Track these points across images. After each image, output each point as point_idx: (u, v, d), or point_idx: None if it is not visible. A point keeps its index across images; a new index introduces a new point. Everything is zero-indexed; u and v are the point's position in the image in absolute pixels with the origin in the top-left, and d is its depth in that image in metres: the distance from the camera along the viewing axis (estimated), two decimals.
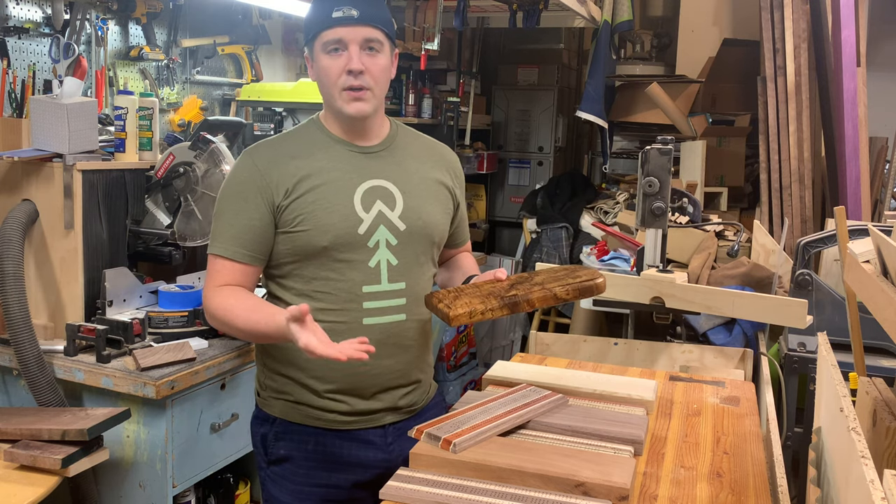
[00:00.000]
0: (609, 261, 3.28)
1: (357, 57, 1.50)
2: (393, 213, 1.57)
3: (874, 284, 1.25)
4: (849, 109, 3.29)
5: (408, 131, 1.71)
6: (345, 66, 1.50)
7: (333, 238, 1.52)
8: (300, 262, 1.55)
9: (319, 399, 1.59)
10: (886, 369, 2.31)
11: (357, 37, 1.50)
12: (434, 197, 1.65)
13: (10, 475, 1.73)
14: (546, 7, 3.37)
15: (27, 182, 2.15)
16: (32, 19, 2.52)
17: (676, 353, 2.41)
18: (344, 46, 1.51)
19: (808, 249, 2.62)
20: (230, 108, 3.42)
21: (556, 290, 1.49)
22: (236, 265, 1.54)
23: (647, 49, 4.95)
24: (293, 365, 1.60)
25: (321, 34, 1.52)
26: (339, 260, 1.54)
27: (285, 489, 1.62)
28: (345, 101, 1.53)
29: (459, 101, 4.51)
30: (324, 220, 1.52)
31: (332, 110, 1.59)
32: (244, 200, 1.53)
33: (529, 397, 1.62)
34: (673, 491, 1.34)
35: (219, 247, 1.55)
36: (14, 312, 1.96)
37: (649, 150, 2.41)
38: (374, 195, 1.56)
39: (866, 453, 0.90)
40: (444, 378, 3.98)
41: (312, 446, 1.60)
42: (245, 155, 1.59)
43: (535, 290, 1.48)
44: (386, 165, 1.60)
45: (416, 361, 1.66)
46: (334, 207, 1.53)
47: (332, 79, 1.52)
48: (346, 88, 1.52)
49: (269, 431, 1.63)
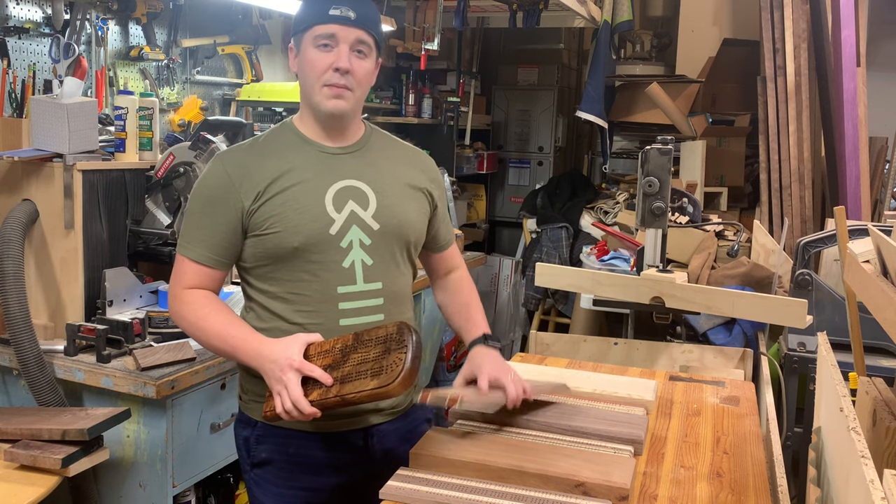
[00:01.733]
0: (609, 261, 3.28)
1: (346, 56, 1.51)
2: (366, 213, 1.56)
3: (874, 284, 1.26)
4: (849, 109, 3.29)
5: (383, 135, 1.71)
6: (332, 62, 1.51)
7: (305, 239, 1.51)
8: (273, 264, 1.55)
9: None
10: (886, 369, 2.31)
11: (349, 37, 1.51)
12: (409, 197, 1.64)
13: (10, 475, 1.73)
14: (546, 7, 3.37)
15: (27, 182, 2.15)
16: (32, 19, 2.52)
17: (676, 353, 2.41)
18: (335, 43, 1.51)
19: (808, 249, 2.62)
20: (230, 108, 3.42)
21: (348, 397, 1.38)
22: (203, 268, 1.54)
23: (647, 49, 4.95)
24: None
25: (314, 27, 1.52)
26: (311, 261, 1.53)
27: (268, 492, 1.61)
28: (325, 97, 1.53)
29: (459, 101, 4.51)
30: (294, 220, 1.51)
31: (310, 106, 1.58)
32: (213, 206, 1.53)
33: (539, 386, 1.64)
34: (673, 491, 1.34)
35: (187, 248, 1.55)
36: (14, 312, 1.96)
37: (649, 150, 2.41)
38: (347, 195, 1.56)
39: (866, 453, 0.90)
40: (444, 378, 3.97)
41: (294, 449, 1.59)
42: (216, 160, 1.58)
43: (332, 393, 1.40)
44: (359, 166, 1.60)
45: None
46: (305, 208, 1.52)
47: (316, 72, 1.52)
48: (328, 84, 1.52)
49: (251, 434, 1.62)
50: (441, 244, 1.78)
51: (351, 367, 1.39)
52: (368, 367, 1.37)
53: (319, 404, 1.36)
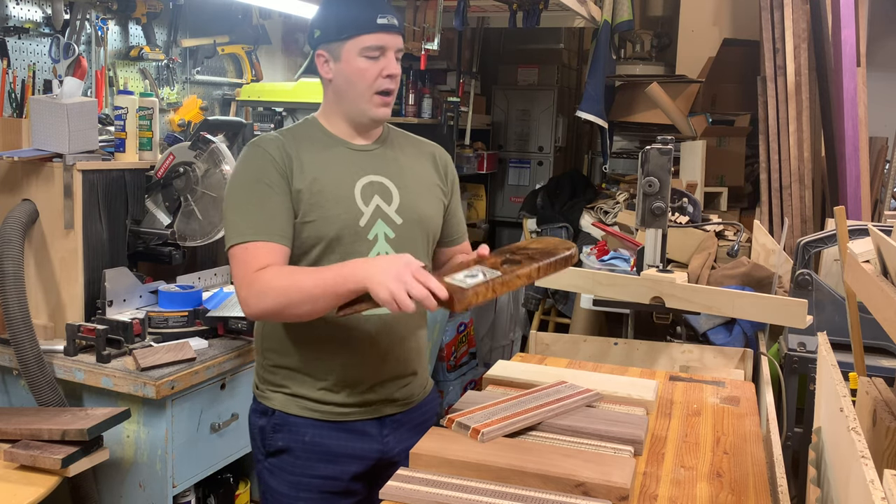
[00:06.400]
0: (609, 261, 3.28)
1: (395, 63, 1.59)
2: (390, 208, 1.61)
3: (874, 284, 1.26)
4: (849, 109, 3.29)
5: (398, 132, 1.76)
6: (382, 70, 1.57)
7: (338, 229, 1.55)
8: (305, 254, 1.57)
9: (317, 391, 1.62)
10: (886, 369, 2.31)
11: (395, 45, 1.59)
12: (428, 192, 1.69)
13: (10, 475, 1.73)
14: (546, 7, 3.37)
15: (27, 182, 2.15)
16: (32, 19, 2.52)
17: (676, 353, 2.41)
18: (383, 52, 1.58)
19: (808, 249, 2.62)
20: (230, 108, 3.42)
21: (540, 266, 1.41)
22: (276, 247, 1.51)
23: (647, 49, 4.95)
24: (293, 357, 1.62)
25: (362, 37, 1.56)
26: (339, 252, 1.56)
27: (283, 481, 1.64)
28: (375, 105, 1.59)
29: (459, 101, 4.51)
30: (329, 210, 1.55)
31: (349, 111, 1.62)
32: (268, 185, 1.53)
33: (563, 393, 1.64)
34: (673, 491, 1.34)
35: (250, 234, 1.50)
36: (14, 312, 1.96)
37: (649, 150, 2.41)
38: (373, 190, 1.61)
39: (866, 453, 0.90)
40: (444, 378, 3.97)
41: (310, 438, 1.62)
42: (254, 147, 1.59)
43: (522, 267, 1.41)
44: (382, 162, 1.65)
45: (413, 354, 1.70)
46: (338, 200, 1.56)
47: (367, 81, 1.57)
48: (379, 92, 1.58)
49: (267, 423, 1.65)
50: (454, 237, 1.79)
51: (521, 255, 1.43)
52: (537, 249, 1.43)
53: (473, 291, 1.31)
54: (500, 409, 1.54)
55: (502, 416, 1.50)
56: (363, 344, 1.61)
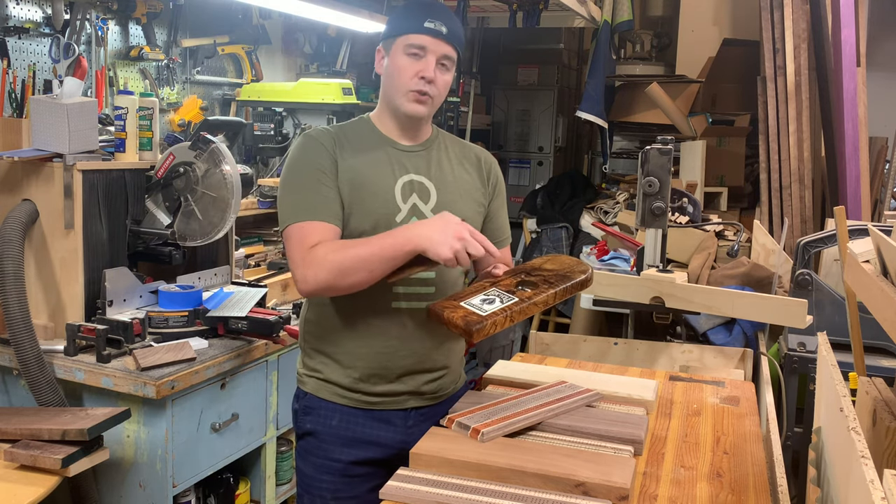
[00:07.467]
0: (609, 261, 3.28)
1: (432, 67, 1.62)
2: (426, 207, 1.66)
3: (874, 284, 1.26)
4: (849, 109, 3.29)
5: (447, 136, 1.81)
6: (419, 70, 1.62)
7: (374, 223, 1.60)
8: None
9: (346, 378, 1.67)
10: (886, 369, 2.31)
11: (438, 50, 1.63)
12: (467, 195, 1.73)
13: (10, 475, 1.73)
14: (546, 7, 3.38)
15: (27, 182, 2.15)
16: (32, 19, 2.52)
17: (676, 353, 2.41)
18: (424, 54, 1.62)
19: (808, 249, 2.62)
20: (230, 108, 3.42)
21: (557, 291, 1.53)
22: (328, 226, 1.58)
23: (647, 49, 4.96)
24: (330, 342, 1.68)
25: (407, 35, 1.63)
26: None
27: (309, 462, 1.71)
28: (408, 100, 1.64)
29: (459, 101, 4.51)
30: (368, 203, 1.61)
31: (390, 106, 1.68)
32: (322, 172, 1.60)
33: (563, 393, 1.65)
34: (673, 491, 1.34)
35: (305, 214, 1.57)
36: (14, 312, 1.96)
37: (649, 150, 2.41)
38: (412, 189, 1.66)
39: (866, 453, 0.90)
40: None
41: (336, 422, 1.68)
42: (307, 138, 1.66)
43: (540, 292, 1.53)
44: (424, 163, 1.70)
45: (444, 349, 1.72)
46: (376, 194, 1.62)
47: (404, 78, 1.63)
48: (413, 90, 1.63)
49: (299, 407, 1.73)
50: (493, 241, 1.73)
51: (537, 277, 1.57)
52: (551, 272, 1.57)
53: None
54: (500, 409, 1.54)
55: (502, 416, 1.50)
56: (395, 335, 1.65)
